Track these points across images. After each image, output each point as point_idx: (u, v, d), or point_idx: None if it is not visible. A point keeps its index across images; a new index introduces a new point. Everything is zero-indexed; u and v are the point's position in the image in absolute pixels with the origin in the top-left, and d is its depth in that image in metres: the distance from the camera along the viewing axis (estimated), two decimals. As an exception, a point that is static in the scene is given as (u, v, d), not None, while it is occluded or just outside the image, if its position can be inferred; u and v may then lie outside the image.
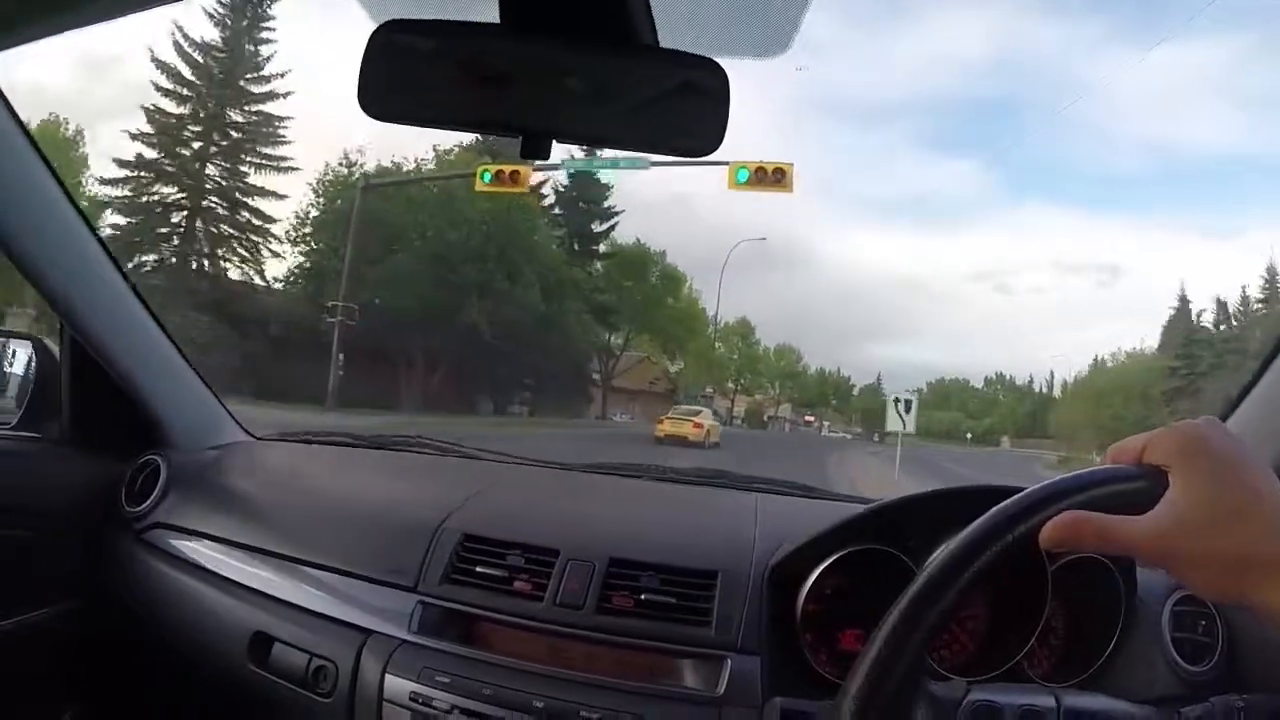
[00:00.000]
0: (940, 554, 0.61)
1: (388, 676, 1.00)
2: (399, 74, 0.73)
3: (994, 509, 0.58)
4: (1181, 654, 0.97)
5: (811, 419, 60.05)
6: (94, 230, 1.33)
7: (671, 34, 0.73)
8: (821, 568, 0.98)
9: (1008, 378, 78.02)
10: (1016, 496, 0.58)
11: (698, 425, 18.06)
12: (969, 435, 60.70)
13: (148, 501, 1.35)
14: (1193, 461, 0.52)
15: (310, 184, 22.29)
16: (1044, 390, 70.97)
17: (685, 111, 0.71)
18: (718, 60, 0.70)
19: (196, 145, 20.58)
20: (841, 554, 0.99)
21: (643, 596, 1.02)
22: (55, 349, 1.42)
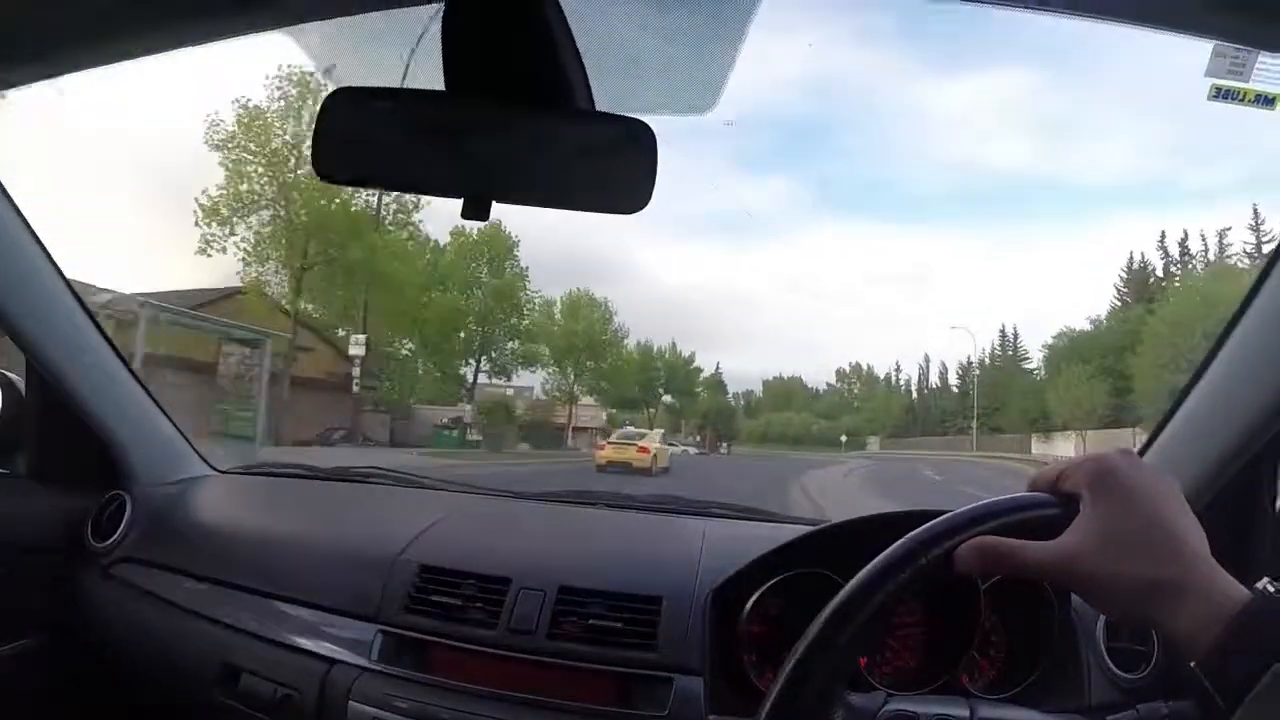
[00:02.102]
0: (856, 577, 0.65)
1: (351, 704, 1.04)
2: (351, 139, 0.78)
3: (908, 535, 0.62)
4: (1116, 663, 1.01)
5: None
6: (56, 266, 1.35)
7: (605, 97, 0.79)
8: (760, 591, 1.02)
9: (865, 369, 74.83)
10: (932, 523, 0.61)
11: (643, 450, 16.75)
12: (844, 438, 56.51)
13: (114, 536, 1.37)
14: (1102, 489, 0.53)
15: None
16: (909, 387, 69.71)
17: (617, 170, 0.77)
18: (651, 119, 0.76)
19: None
20: (781, 577, 1.03)
21: (591, 622, 1.06)
22: (20, 384, 1.44)
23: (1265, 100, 1.06)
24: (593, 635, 1.05)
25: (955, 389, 65.70)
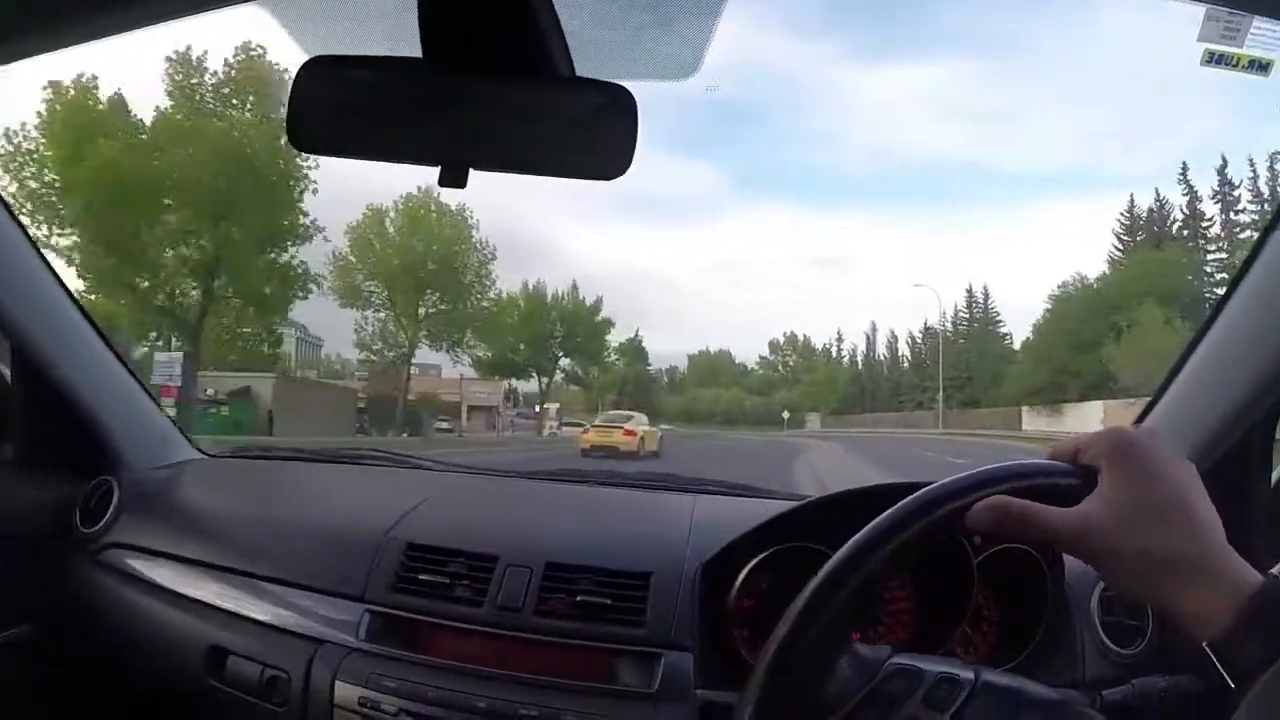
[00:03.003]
0: (875, 521, 0.64)
1: (338, 684, 1.03)
2: (325, 109, 0.76)
3: (926, 488, 0.62)
4: (1111, 637, 1.01)
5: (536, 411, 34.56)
6: (39, 250, 1.34)
7: (586, 63, 0.78)
8: (750, 565, 1.02)
9: (802, 339, 65.75)
10: (951, 478, 0.61)
11: (629, 433, 16.16)
12: (786, 415, 48.13)
13: (102, 522, 1.36)
14: (1122, 462, 0.54)
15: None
16: (855, 358, 61.40)
17: (597, 136, 0.76)
18: (631, 85, 0.75)
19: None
20: (771, 550, 1.03)
21: (579, 598, 1.05)
22: (5, 371, 1.43)
23: (1259, 66, 1.05)
24: (581, 612, 1.05)
25: (908, 360, 58.20)
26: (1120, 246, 40.51)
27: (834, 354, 64.86)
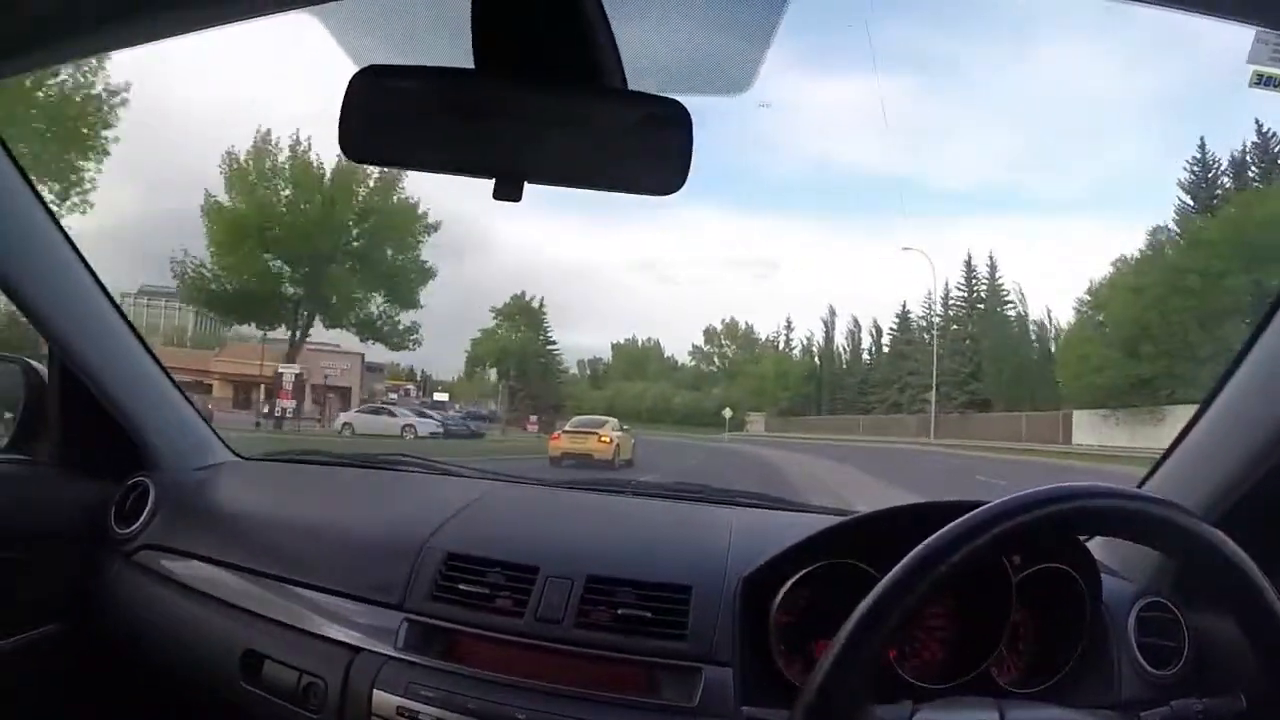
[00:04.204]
0: (942, 531, 0.66)
1: (375, 692, 1.03)
2: (378, 118, 0.76)
3: (971, 514, 0.63)
4: (1148, 659, 1.00)
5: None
6: (80, 255, 1.35)
7: (639, 76, 0.77)
8: (791, 581, 1.01)
9: (743, 327, 53.08)
10: (996, 502, 0.62)
11: (604, 440, 14.89)
12: (727, 414, 35.72)
13: (137, 523, 1.37)
14: None
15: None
16: (810, 349, 48.38)
17: (651, 150, 0.75)
18: (685, 99, 0.74)
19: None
20: (812, 567, 1.02)
21: (619, 611, 1.05)
22: (44, 372, 1.44)
23: None
24: (621, 625, 1.04)
25: (870, 354, 45.97)
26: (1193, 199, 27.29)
27: (783, 344, 51.96)
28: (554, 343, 39.36)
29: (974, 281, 39.31)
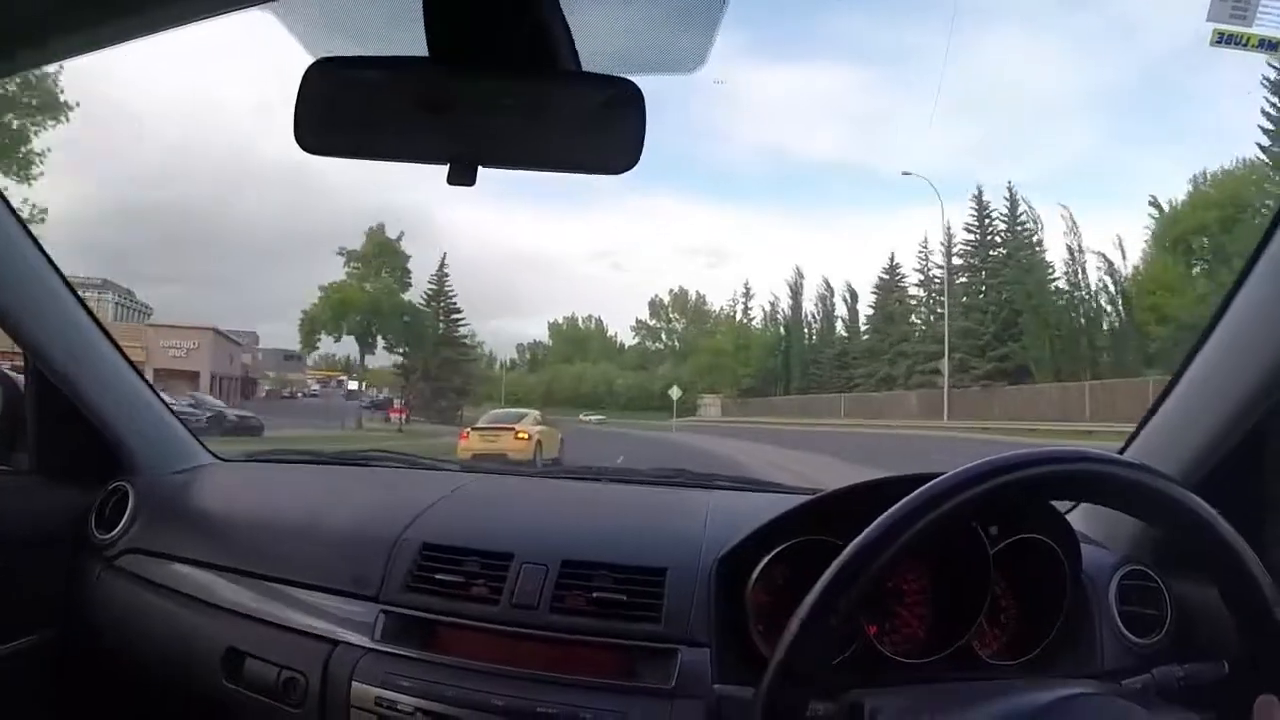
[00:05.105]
0: (870, 526, 0.66)
1: (354, 684, 1.04)
2: (333, 110, 0.77)
3: (928, 485, 0.63)
4: (1130, 627, 1.02)
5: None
6: (52, 262, 1.35)
7: (592, 59, 0.78)
8: (767, 559, 1.02)
9: (693, 297, 48.45)
10: (954, 471, 0.63)
11: (520, 437, 12.21)
12: (676, 394, 29.18)
13: (118, 528, 1.37)
14: None
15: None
16: (773, 318, 42.33)
17: (605, 130, 0.76)
18: (639, 79, 0.75)
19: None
20: (787, 545, 1.02)
21: (595, 595, 1.05)
22: (20, 380, 1.44)
23: (1269, 45, 1.04)
24: (597, 608, 1.05)
25: (843, 322, 38.82)
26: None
27: (740, 314, 44.88)
28: (457, 310, 29.91)
29: (986, 222, 31.06)
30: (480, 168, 0.74)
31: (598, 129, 0.76)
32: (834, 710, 0.72)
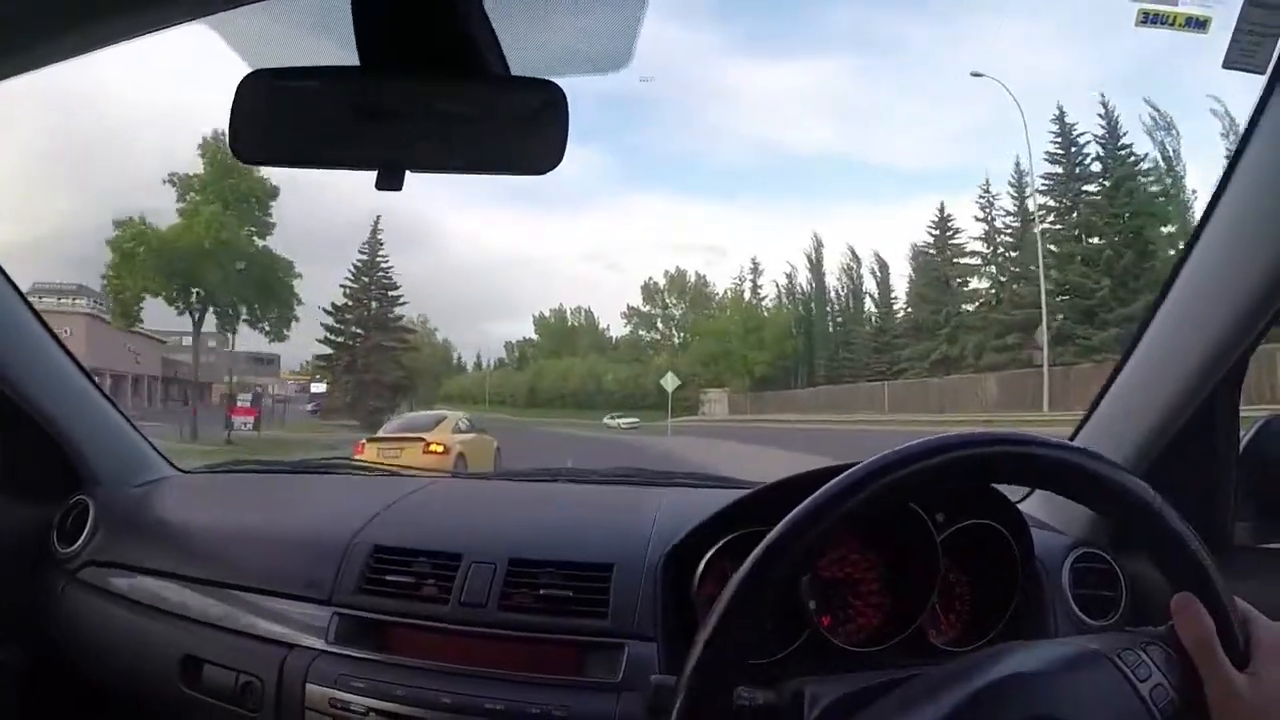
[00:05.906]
0: (800, 505, 0.66)
1: (308, 687, 1.05)
2: (267, 120, 0.78)
3: (857, 465, 0.64)
4: (1085, 610, 1.04)
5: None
6: (6, 275, 1.35)
7: (519, 63, 0.80)
8: (711, 552, 1.03)
9: (692, 278, 41.56)
10: (884, 454, 0.63)
11: (433, 449, 9.28)
12: (670, 385, 25.71)
13: (79, 541, 1.37)
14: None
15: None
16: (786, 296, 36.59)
17: (529, 133, 0.78)
18: (565, 80, 0.77)
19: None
20: (733, 536, 1.03)
21: (542, 592, 1.07)
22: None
23: (1196, 23, 1.04)
24: (544, 605, 1.06)
25: (875, 297, 32.29)
26: None
27: (749, 293, 37.97)
28: (394, 286, 25.24)
29: (1071, 149, 23.17)
30: (409, 172, 0.76)
31: (524, 131, 0.78)
32: (774, 699, 0.72)
